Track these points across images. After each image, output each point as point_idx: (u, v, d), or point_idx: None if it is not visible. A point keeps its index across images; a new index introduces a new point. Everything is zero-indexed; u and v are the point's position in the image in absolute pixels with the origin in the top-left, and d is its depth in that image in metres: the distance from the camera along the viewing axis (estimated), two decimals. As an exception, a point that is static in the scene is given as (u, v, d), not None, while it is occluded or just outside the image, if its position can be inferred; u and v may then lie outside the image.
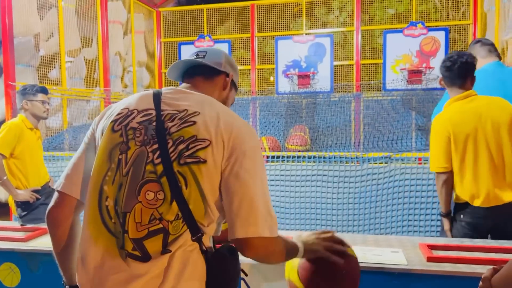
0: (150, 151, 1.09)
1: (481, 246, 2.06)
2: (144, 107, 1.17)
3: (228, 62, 1.38)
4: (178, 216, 1.06)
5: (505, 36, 5.58)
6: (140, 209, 1.06)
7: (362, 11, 7.27)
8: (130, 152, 1.11)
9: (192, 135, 1.09)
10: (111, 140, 1.14)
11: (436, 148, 2.49)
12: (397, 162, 4.01)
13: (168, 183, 1.06)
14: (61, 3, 5.50)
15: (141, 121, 1.14)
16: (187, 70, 1.34)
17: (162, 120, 1.12)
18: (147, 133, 1.11)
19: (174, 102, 1.18)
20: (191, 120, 1.11)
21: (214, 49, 1.39)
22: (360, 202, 3.99)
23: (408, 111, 5.69)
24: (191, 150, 1.08)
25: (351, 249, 1.39)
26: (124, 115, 1.17)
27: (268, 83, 8.01)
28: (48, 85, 5.25)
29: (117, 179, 1.10)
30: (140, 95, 1.25)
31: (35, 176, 3.19)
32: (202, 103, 1.17)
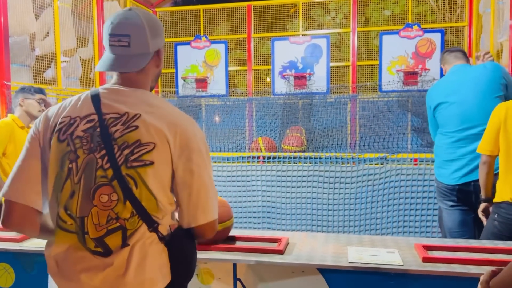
0: (99, 157, 1.15)
1: (476, 247, 2.07)
2: (86, 113, 1.20)
3: (153, 34, 1.26)
4: (133, 213, 1.14)
5: (500, 38, 5.62)
6: (96, 212, 1.14)
7: (358, 12, 7.30)
8: (79, 160, 1.16)
9: (136, 140, 1.15)
10: (59, 150, 1.18)
11: (487, 130, 2.47)
12: (392, 163, 4.03)
13: (119, 185, 1.13)
14: (57, 2, 5.48)
15: (85, 129, 1.18)
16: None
17: (106, 125, 1.17)
18: (93, 141, 1.16)
19: (113, 105, 1.20)
20: (133, 125, 1.16)
21: (136, 25, 1.23)
22: (356, 203, 4.00)
23: (404, 112, 5.71)
24: (136, 154, 1.14)
25: None
26: (67, 123, 1.19)
27: (265, 84, 8.01)
28: (43, 85, 5.22)
29: (67, 186, 1.16)
30: (78, 100, 1.25)
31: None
32: (140, 104, 1.21)
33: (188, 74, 7.57)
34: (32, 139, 1.25)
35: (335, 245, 2.13)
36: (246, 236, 2.22)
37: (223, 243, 2.10)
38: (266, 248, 2.02)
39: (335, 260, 1.91)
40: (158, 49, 1.31)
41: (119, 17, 1.24)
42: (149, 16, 1.27)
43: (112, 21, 1.24)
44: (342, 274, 1.86)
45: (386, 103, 6.06)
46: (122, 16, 1.24)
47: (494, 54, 5.91)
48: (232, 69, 7.86)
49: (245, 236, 2.22)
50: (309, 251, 2.03)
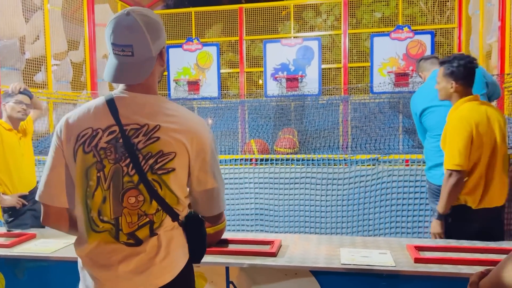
0: (124, 165, 1.28)
1: (467, 247, 2.09)
2: (107, 125, 1.30)
3: (154, 37, 1.30)
4: (158, 209, 1.30)
5: (489, 39, 5.68)
6: (127, 212, 1.29)
7: (350, 14, 7.34)
8: (106, 170, 1.28)
9: (159, 151, 1.28)
10: (85, 161, 1.30)
11: (458, 145, 2.41)
12: (384, 164, 4.05)
13: (145, 189, 1.28)
14: (47, 5, 5.44)
15: (108, 140, 1.29)
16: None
17: (127, 135, 1.28)
18: (118, 152, 1.28)
19: (132, 116, 1.30)
20: (154, 136, 1.28)
21: (137, 33, 1.27)
22: (349, 204, 4.01)
23: (395, 113, 5.75)
24: (160, 163, 1.28)
25: None
26: (90, 135, 1.30)
27: (257, 86, 8.02)
28: (33, 88, 5.18)
29: (99, 193, 1.29)
30: (95, 109, 1.33)
31: (21, 179, 3.12)
32: (157, 114, 1.31)
33: (180, 77, 7.55)
34: (56, 149, 1.36)
35: (327, 246, 2.14)
36: (239, 239, 2.22)
37: (216, 246, 2.09)
38: (259, 251, 2.02)
39: (328, 261, 1.91)
40: (162, 51, 1.36)
41: (119, 25, 1.27)
42: (148, 19, 1.29)
43: (113, 29, 1.27)
44: (335, 276, 1.87)
45: (377, 105, 6.10)
46: (122, 24, 1.27)
47: (483, 55, 5.98)
48: (224, 72, 7.85)
49: (238, 239, 2.22)
50: (302, 253, 2.03)
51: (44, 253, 2.12)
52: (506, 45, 5.19)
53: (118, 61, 1.29)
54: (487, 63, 5.93)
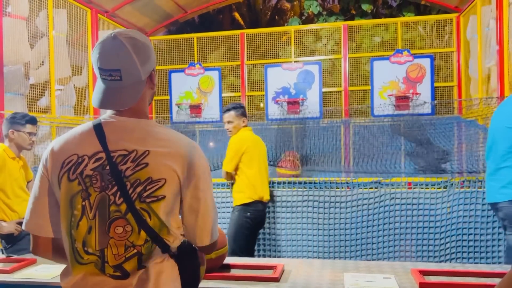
0: (111, 194, 1.21)
1: (472, 271, 2.06)
2: (93, 151, 1.23)
3: (143, 60, 1.25)
4: (147, 240, 1.22)
5: (488, 63, 5.74)
6: (114, 243, 1.21)
7: (349, 39, 7.45)
8: (91, 198, 1.21)
9: (148, 178, 1.20)
10: (70, 189, 1.23)
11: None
12: (387, 187, 4.03)
13: (133, 218, 1.20)
14: (52, 32, 5.55)
15: (94, 167, 1.22)
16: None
17: (114, 162, 1.21)
18: (104, 179, 1.21)
19: (119, 141, 1.24)
20: (143, 163, 1.21)
21: (124, 57, 1.22)
22: (352, 228, 3.97)
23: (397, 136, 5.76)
24: (149, 191, 1.21)
25: None
26: (75, 162, 1.23)
27: (258, 109, 8.07)
28: (37, 113, 5.23)
29: (84, 223, 1.22)
30: (82, 134, 1.28)
31: (20, 206, 3.12)
32: (147, 139, 1.24)
33: (182, 101, 7.62)
34: (41, 178, 1.31)
35: (331, 271, 2.11)
36: (241, 264, 2.19)
37: (218, 271, 2.07)
38: (262, 276, 1.99)
39: (332, 287, 1.88)
40: (152, 73, 1.32)
41: (105, 49, 1.22)
42: (135, 42, 1.24)
43: (99, 53, 1.23)
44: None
45: (378, 128, 6.12)
46: (109, 48, 1.22)
47: (482, 79, 6.03)
48: (226, 95, 7.93)
49: (240, 264, 2.19)
50: (305, 278, 2.01)
51: (45, 278, 2.10)
52: (505, 69, 5.25)
53: (106, 86, 1.24)
54: (486, 87, 5.97)
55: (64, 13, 5.82)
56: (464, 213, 3.78)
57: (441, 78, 7.35)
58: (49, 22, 5.51)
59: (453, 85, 7.11)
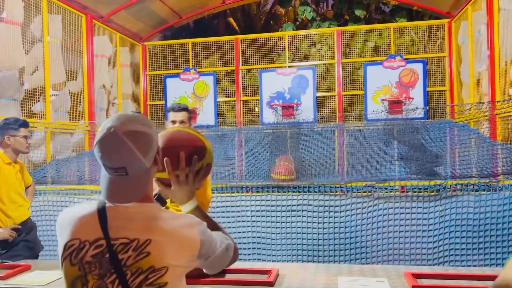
0: (109, 282, 1.20)
1: (465, 274, 2.09)
2: (94, 237, 1.23)
3: (146, 151, 1.24)
4: None
5: (479, 68, 5.82)
6: None
7: (343, 44, 7.52)
8: (89, 285, 1.21)
9: (150, 267, 1.19)
10: (71, 273, 1.24)
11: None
12: (380, 191, 4.06)
13: None
14: (47, 37, 5.55)
15: (94, 254, 1.22)
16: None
17: (115, 251, 1.21)
18: (103, 267, 1.20)
19: (121, 230, 1.23)
20: (145, 252, 1.20)
21: (127, 154, 1.21)
22: (346, 231, 4.00)
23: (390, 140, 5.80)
24: (151, 279, 1.20)
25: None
26: (77, 248, 1.24)
27: (253, 114, 8.11)
28: (31, 118, 5.22)
29: None
30: (85, 217, 1.27)
31: (15, 211, 3.11)
32: (148, 228, 1.23)
33: (177, 106, 7.63)
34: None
35: (325, 275, 2.13)
36: (236, 268, 2.21)
37: (213, 276, 2.08)
38: (256, 280, 2.01)
39: (325, 290, 1.90)
40: (156, 157, 1.30)
41: (106, 148, 1.22)
42: (135, 136, 1.22)
43: (101, 152, 1.22)
44: (332, 305, 1.85)
45: (372, 132, 6.16)
46: (110, 147, 1.21)
47: (474, 83, 6.11)
48: (221, 100, 7.95)
49: (235, 268, 2.20)
50: (299, 282, 2.02)
51: (39, 285, 2.10)
52: (496, 74, 5.32)
53: (112, 179, 1.24)
54: (478, 91, 6.05)
55: (59, 18, 5.82)
56: (457, 216, 3.81)
57: (434, 83, 7.43)
58: (44, 27, 5.52)
59: (445, 89, 7.19)
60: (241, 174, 6.01)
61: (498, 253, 3.73)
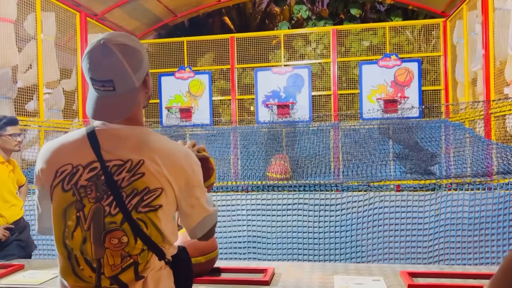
0: (106, 205, 1.18)
1: (460, 273, 2.09)
2: (87, 161, 1.20)
3: (135, 67, 1.21)
4: (143, 249, 1.20)
5: (474, 67, 5.84)
6: (110, 253, 1.18)
7: (338, 43, 7.52)
8: (86, 209, 1.18)
9: (145, 188, 1.19)
10: (64, 200, 1.20)
11: None
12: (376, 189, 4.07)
13: (130, 228, 1.18)
14: (40, 35, 5.50)
15: (89, 178, 1.19)
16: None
17: (110, 172, 1.19)
18: (99, 190, 1.18)
19: (114, 151, 1.21)
20: (139, 172, 1.19)
21: (116, 66, 1.18)
22: (341, 230, 4.00)
23: (385, 139, 5.82)
24: (146, 201, 1.19)
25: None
26: (70, 173, 1.21)
27: (248, 113, 8.10)
28: (25, 117, 5.17)
29: (78, 233, 1.19)
30: (75, 142, 1.24)
31: (8, 211, 3.08)
32: (141, 148, 1.21)
33: (172, 104, 7.61)
34: (38, 185, 1.29)
35: (321, 274, 2.12)
36: (232, 268, 2.20)
37: (208, 275, 2.06)
38: (252, 279, 2.00)
39: (321, 289, 1.90)
40: (146, 78, 1.27)
41: (95, 59, 1.18)
42: (126, 49, 1.19)
43: (89, 64, 1.18)
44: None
45: (367, 131, 6.17)
46: (99, 57, 1.18)
47: (469, 82, 6.13)
48: (216, 99, 7.93)
49: (231, 268, 2.19)
50: (295, 281, 2.02)
51: (33, 284, 2.08)
52: (491, 73, 5.34)
53: (99, 96, 1.20)
54: (473, 90, 6.07)
55: (52, 16, 5.78)
56: (452, 215, 3.83)
57: (429, 82, 7.45)
58: (38, 25, 5.47)
59: (440, 89, 7.22)
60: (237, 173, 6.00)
61: (493, 252, 3.75)
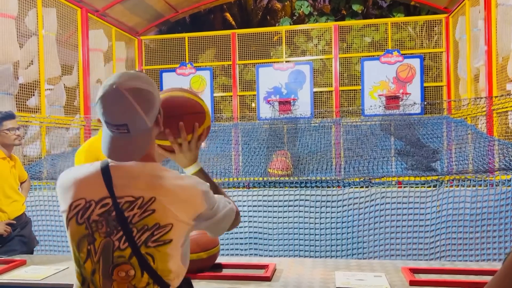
0: (115, 239, 1.23)
1: (462, 269, 2.09)
2: (100, 197, 1.26)
3: (148, 109, 1.24)
4: (149, 282, 1.25)
5: (476, 63, 5.81)
6: (117, 285, 1.24)
7: (340, 39, 7.50)
8: (96, 243, 1.24)
9: (155, 224, 1.23)
10: (78, 232, 1.27)
11: None
12: (377, 186, 4.06)
13: (137, 262, 1.23)
14: (41, 31, 5.50)
15: (100, 213, 1.25)
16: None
17: (120, 209, 1.24)
18: (109, 225, 1.24)
19: (126, 187, 1.25)
20: (150, 209, 1.23)
21: (129, 110, 1.21)
22: (343, 227, 4.00)
23: (387, 136, 5.81)
24: (156, 236, 1.23)
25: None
26: (83, 207, 1.26)
27: (250, 109, 8.09)
28: (26, 113, 5.17)
29: (88, 265, 1.26)
30: (89, 177, 1.29)
31: (10, 206, 3.08)
32: (153, 185, 1.26)
33: (174, 101, 7.60)
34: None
35: (322, 270, 2.12)
36: (233, 263, 2.20)
37: (209, 271, 2.07)
38: (253, 275, 2.00)
39: (323, 285, 1.90)
40: (157, 117, 1.30)
41: (108, 104, 1.21)
42: (138, 93, 1.22)
43: (103, 109, 1.22)
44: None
45: (369, 127, 6.16)
46: (112, 103, 1.21)
47: (471, 79, 6.11)
48: (217, 95, 7.92)
49: (232, 263, 2.20)
50: (296, 277, 2.02)
51: (35, 280, 2.08)
52: (493, 69, 5.32)
53: (114, 136, 1.24)
54: (475, 86, 6.05)
55: (53, 12, 5.76)
56: (454, 212, 3.82)
57: (431, 78, 7.43)
58: (39, 21, 5.46)
59: (442, 85, 7.19)
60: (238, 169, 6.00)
61: (495, 248, 3.74)
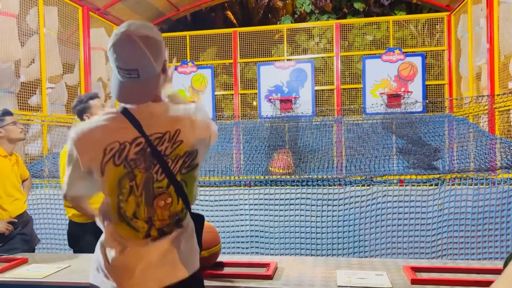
0: (154, 172, 1.39)
1: (463, 267, 2.08)
2: (132, 137, 1.39)
3: (156, 56, 1.37)
4: (182, 208, 1.45)
5: (478, 61, 5.79)
6: (160, 212, 1.42)
7: (342, 37, 7.48)
8: (138, 179, 1.39)
9: (185, 152, 1.41)
10: (117, 173, 1.39)
11: None
12: (379, 184, 4.06)
13: (174, 190, 1.41)
14: (43, 30, 5.50)
15: (136, 151, 1.38)
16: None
17: (154, 145, 1.39)
18: (147, 161, 1.39)
19: (152, 125, 1.40)
20: (178, 140, 1.40)
21: (140, 56, 1.34)
22: (344, 225, 4.00)
23: (389, 134, 5.79)
24: (187, 162, 1.42)
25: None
26: (119, 149, 1.38)
27: (251, 107, 8.07)
28: (28, 111, 5.18)
29: (132, 199, 1.40)
30: (115, 123, 1.40)
31: (11, 205, 3.08)
32: (172, 120, 1.42)
33: (175, 99, 7.60)
34: (74, 166, 1.44)
35: (324, 268, 2.12)
36: (234, 262, 2.20)
37: (211, 269, 2.07)
38: (255, 274, 2.00)
39: (324, 284, 1.89)
40: (164, 62, 1.44)
41: (121, 50, 1.34)
42: (149, 41, 1.34)
43: (116, 54, 1.34)
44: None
45: (370, 126, 6.15)
46: (125, 49, 1.33)
47: (473, 77, 6.09)
48: (218, 94, 7.91)
49: (233, 262, 2.20)
50: (298, 276, 2.01)
51: (36, 278, 2.08)
52: (495, 67, 5.30)
53: (124, 81, 1.37)
54: (477, 85, 6.03)
55: (55, 10, 5.76)
56: (455, 210, 3.82)
57: (433, 77, 7.40)
58: (40, 19, 5.46)
59: (444, 83, 7.17)
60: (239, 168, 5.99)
61: (497, 247, 3.74)
